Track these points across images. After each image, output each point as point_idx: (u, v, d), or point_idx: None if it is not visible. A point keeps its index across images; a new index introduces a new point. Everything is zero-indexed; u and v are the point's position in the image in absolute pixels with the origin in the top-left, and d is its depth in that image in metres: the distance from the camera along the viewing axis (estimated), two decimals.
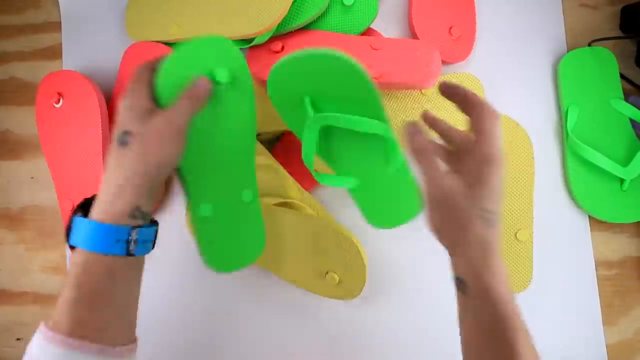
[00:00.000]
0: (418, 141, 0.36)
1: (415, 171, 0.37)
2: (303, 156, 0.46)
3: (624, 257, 0.56)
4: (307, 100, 0.44)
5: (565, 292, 0.55)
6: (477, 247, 0.34)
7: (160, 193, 0.52)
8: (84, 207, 0.37)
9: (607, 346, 0.54)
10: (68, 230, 0.36)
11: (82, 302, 0.33)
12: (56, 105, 0.54)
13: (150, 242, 0.37)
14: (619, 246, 0.56)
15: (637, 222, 0.55)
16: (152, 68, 0.39)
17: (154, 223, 0.39)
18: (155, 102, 0.38)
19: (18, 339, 0.56)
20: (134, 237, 0.35)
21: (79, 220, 0.35)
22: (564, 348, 0.54)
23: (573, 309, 0.55)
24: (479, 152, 0.35)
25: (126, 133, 0.36)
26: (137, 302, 0.37)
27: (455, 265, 0.36)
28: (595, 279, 0.55)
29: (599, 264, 0.55)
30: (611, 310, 0.55)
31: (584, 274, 0.55)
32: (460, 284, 0.35)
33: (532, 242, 0.53)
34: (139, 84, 0.38)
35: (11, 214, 0.58)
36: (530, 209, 0.54)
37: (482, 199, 0.34)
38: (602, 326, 0.54)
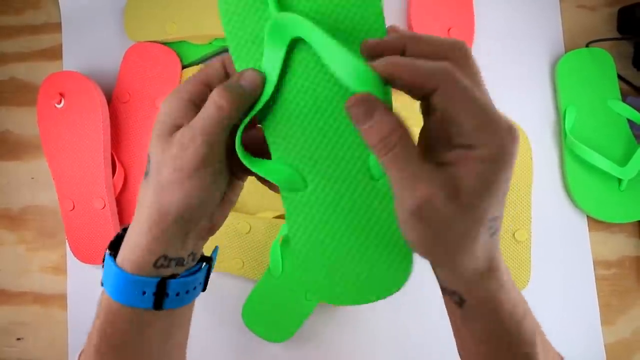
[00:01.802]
0: (381, 128, 0.24)
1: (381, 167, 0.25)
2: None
3: (622, 256, 0.56)
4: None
5: (563, 292, 0.55)
6: (481, 257, 0.26)
7: (205, 229, 0.31)
8: (120, 240, 0.30)
9: (605, 346, 0.54)
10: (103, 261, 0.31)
11: (107, 354, 0.29)
12: (57, 106, 0.54)
13: (191, 291, 0.30)
14: (617, 246, 0.56)
15: (635, 221, 0.56)
16: (213, 75, 0.29)
17: (204, 261, 0.32)
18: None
19: (18, 339, 0.56)
20: (164, 289, 0.28)
21: (107, 259, 0.29)
22: (562, 348, 0.54)
23: (571, 309, 0.55)
24: (486, 143, 0.23)
25: (149, 159, 0.28)
26: (181, 350, 0.32)
27: (446, 279, 0.27)
28: (594, 278, 0.55)
29: (597, 264, 0.56)
30: (609, 310, 0.55)
31: (582, 273, 0.55)
32: (456, 297, 0.27)
33: (530, 242, 0.54)
34: (188, 83, 0.29)
35: (11, 214, 0.58)
36: (528, 209, 0.54)
37: (490, 207, 0.24)
38: (600, 326, 0.54)
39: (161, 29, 0.55)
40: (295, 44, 0.27)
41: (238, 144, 0.28)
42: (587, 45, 0.57)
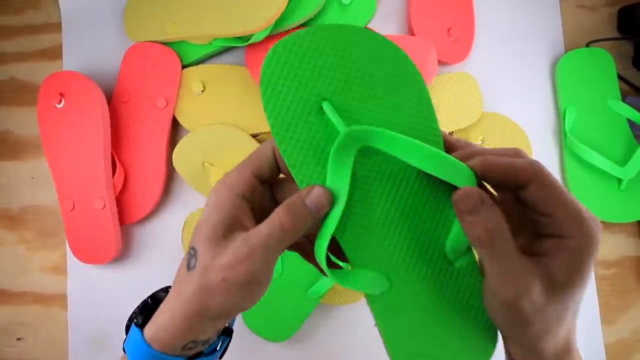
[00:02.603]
0: (486, 221, 0.25)
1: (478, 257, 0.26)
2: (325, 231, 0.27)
3: (622, 256, 0.56)
4: (327, 106, 0.27)
5: None
6: (562, 337, 0.26)
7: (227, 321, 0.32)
8: (150, 309, 0.31)
9: (605, 345, 0.54)
10: (127, 328, 0.31)
11: None
12: (58, 106, 0.54)
13: None
14: (617, 246, 0.56)
15: (635, 221, 0.56)
16: (267, 158, 0.29)
17: (225, 334, 0.32)
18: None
19: (18, 339, 0.56)
20: None
21: (133, 330, 0.30)
22: None
23: None
24: (572, 238, 0.24)
25: (193, 252, 0.28)
26: None
27: (522, 358, 0.27)
28: (594, 278, 0.55)
29: (597, 264, 0.56)
30: (609, 310, 0.55)
31: None
32: None
33: None
34: (239, 175, 0.28)
35: (11, 214, 0.58)
36: None
37: (581, 293, 0.25)
38: (600, 325, 0.55)
39: (161, 29, 0.55)
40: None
41: (324, 265, 0.27)
42: (587, 45, 0.57)
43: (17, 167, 0.59)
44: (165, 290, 0.33)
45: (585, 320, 0.55)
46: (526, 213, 0.26)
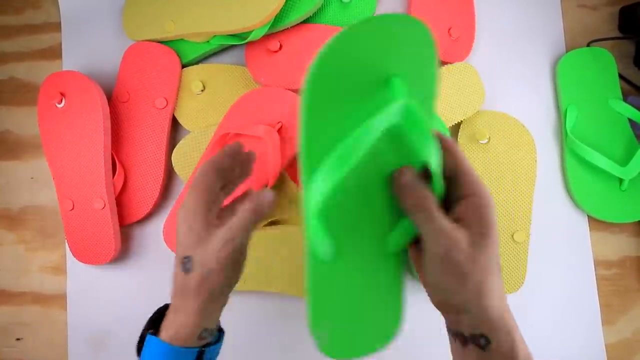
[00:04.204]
0: (418, 194, 0.31)
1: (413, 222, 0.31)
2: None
3: (623, 256, 0.56)
4: (396, 81, 0.29)
5: (564, 292, 0.55)
6: (501, 296, 0.31)
7: (226, 300, 0.39)
8: (155, 322, 0.37)
9: (606, 346, 0.54)
10: (139, 344, 0.37)
11: None
12: (58, 106, 0.54)
13: (215, 358, 0.38)
14: (618, 246, 0.56)
15: (636, 221, 0.56)
16: (217, 168, 0.37)
17: (220, 332, 0.40)
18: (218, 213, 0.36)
19: (18, 339, 0.56)
20: (203, 357, 0.36)
21: (150, 339, 0.35)
22: (563, 347, 0.54)
23: (572, 309, 0.55)
24: (476, 196, 0.31)
25: (187, 259, 0.35)
26: None
27: (472, 323, 0.31)
28: (594, 278, 0.55)
29: (598, 264, 0.56)
30: (610, 310, 0.55)
31: (583, 273, 0.55)
32: (482, 339, 0.31)
33: (528, 244, 0.53)
34: (198, 191, 0.35)
35: (11, 214, 0.58)
36: (529, 210, 0.54)
37: (494, 247, 0.31)
38: (601, 326, 0.54)
39: (160, 27, 0.55)
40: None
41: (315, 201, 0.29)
42: (588, 45, 0.57)
43: (16, 167, 0.59)
44: (165, 306, 0.38)
45: (586, 320, 0.54)
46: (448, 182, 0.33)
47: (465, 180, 0.32)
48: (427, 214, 0.30)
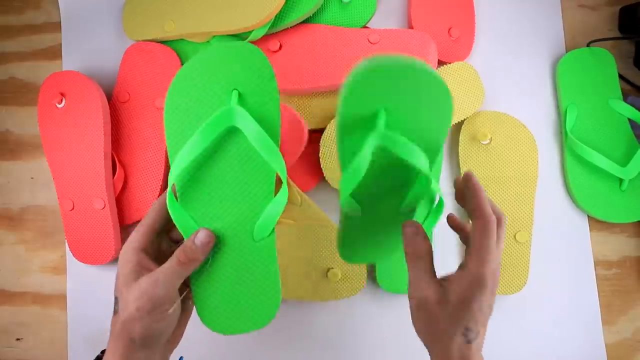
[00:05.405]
0: (416, 245, 0.36)
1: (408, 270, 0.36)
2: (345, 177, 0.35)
3: (623, 257, 0.56)
4: (381, 115, 0.33)
5: (564, 292, 0.55)
6: (456, 356, 0.33)
7: (167, 347, 0.39)
8: None
9: (606, 346, 0.54)
10: None
11: None
12: (58, 106, 0.54)
13: None
14: (618, 246, 0.56)
15: (636, 222, 0.56)
16: (164, 208, 0.37)
17: None
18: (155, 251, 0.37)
19: (18, 339, 0.56)
20: None
21: None
22: (563, 347, 0.54)
23: (572, 309, 0.55)
24: (471, 272, 0.33)
25: (115, 299, 0.36)
26: None
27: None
28: (595, 278, 0.55)
29: (598, 264, 0.56)
30: (610, 310, 0.55)
31: (583, 273, 0.55)
32: None
33: (530, 244, 0.53)
34: (140, 228, 0.37)
35: (11, 214, 0.58)
36: (531, 211, 0.54)
37: (465, 320, 0.33)
38: (601, 326, 0.54)
39: (160, 27, 0.55)
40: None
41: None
42: (588, 45, 0.57)
43: (17, 167, 0.59)
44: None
45: (586, 320, 0.54)
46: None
47: (473, 255, 0.33)
48: (415, 263, 0.35)
